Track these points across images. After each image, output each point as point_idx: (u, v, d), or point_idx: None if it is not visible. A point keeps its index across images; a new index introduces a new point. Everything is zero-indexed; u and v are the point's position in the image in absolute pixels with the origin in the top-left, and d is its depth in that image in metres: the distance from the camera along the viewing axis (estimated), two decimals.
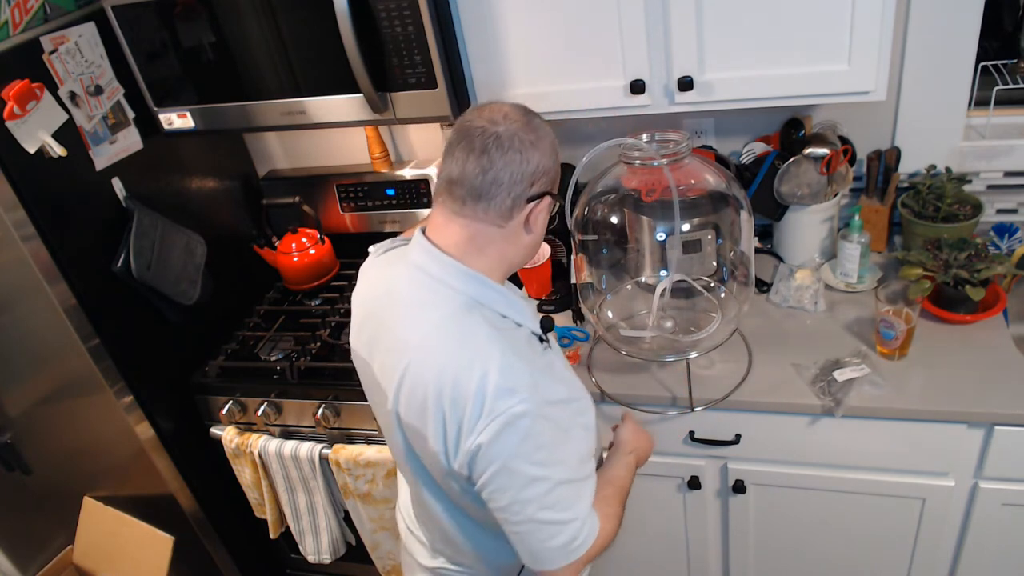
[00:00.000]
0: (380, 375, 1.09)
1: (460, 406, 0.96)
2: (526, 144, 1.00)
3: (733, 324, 1.50)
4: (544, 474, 0.98)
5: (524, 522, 1.00)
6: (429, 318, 1.02)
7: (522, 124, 1.01)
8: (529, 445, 0.96)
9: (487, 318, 1.01)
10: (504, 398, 0.95)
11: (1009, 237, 1.71)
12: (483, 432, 0.95)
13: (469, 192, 1.00)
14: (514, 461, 0.96)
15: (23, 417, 1.86)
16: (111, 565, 1.97)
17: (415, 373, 1.00)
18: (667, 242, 1.56)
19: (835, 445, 1.50)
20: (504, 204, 1.01)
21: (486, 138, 0.99)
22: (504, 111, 1.02)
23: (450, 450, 0.99)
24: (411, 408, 1.02)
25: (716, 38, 1.42)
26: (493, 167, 0.99)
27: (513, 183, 1.00)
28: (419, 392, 1.00)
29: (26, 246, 1.52)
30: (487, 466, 0.97)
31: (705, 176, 1.44)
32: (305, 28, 1.51)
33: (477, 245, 1.03)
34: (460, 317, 1.01)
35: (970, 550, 1.56)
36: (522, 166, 0.99)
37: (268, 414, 1.84)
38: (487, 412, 0.95)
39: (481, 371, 0.95)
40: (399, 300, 1.07)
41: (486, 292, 1.04)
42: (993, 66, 1.66)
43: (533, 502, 0.98)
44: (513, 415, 0.95)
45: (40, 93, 1.50)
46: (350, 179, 2.11)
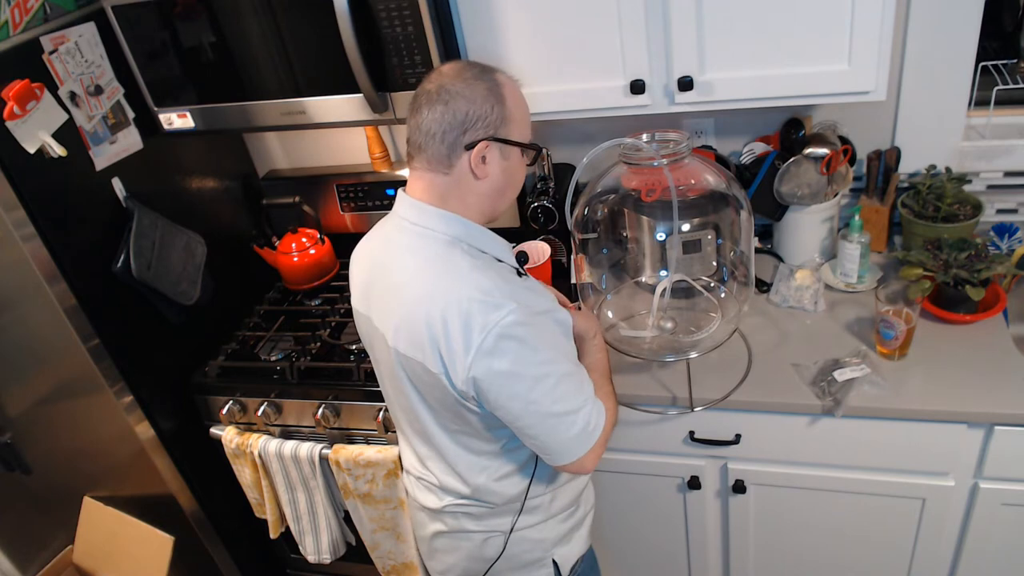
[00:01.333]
0: (378, 321, 1.16)
1: (453, 327, 1.04)
2: (452, 94, 1.07)
3: (733, 324, 1.50)
4: (547, 371, 1.07)
5: (540, 422, 1.09)
6: (415, 258, 1.11)
7: (452, 76, 1.09)
8: (527, 348, 1.05)
9: (467, 252, 1.11)
10: (493, 312, 1.03)
11: (1009, 237, 1.71)
12: (481, 347, 1.03)
13: (414, 147, 1.12)
14: (517, 366, 1.04)
15: (23, 417, 1.86)
16: (111, 565, 1.97)
17: (408, 307, 1.08)
18: (667, 242, 1.57)
19: (835, 445, 1.50)
20: (440, 152, 1.09)
21: (420, 96, 1.10)
22: (443, 69, 1.11)
23: (451, 371, 1.06)
24: (410, 341, 1.09)
25: (716, 38, 1.42)
26: (424, 120, 1.08)
27: (444, 132, 1.08)
28: (414, 323, 1.07)
29: (26, 246, 1.52)
30: (492, 378, 1.05)
31: (705, 176, 1.44)
32: (305, 28, 1.51)
33: (438, 194, 1.12)
34: (443, 252, 1.10)
35: (970, 550, 1.56)
36: (447, 116, 1.07)
37: (268, 414, 1.84)
38: (480, 327, 1.03)
39: (468, 294, 1.04)
40: (388, 248, 1.17)
41: (464, 230, 1.12)
42: (993, 66, 1.66)
43: (544, 399, 1.07)
44: (506, 324, 1.03)
45: (40, 93, 1.50)
46: (350, 179, 2.11)
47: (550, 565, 1.32)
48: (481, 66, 1.13)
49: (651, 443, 1.63)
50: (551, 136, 1.96)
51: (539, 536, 1.29)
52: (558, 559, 1.32)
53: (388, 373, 1.20)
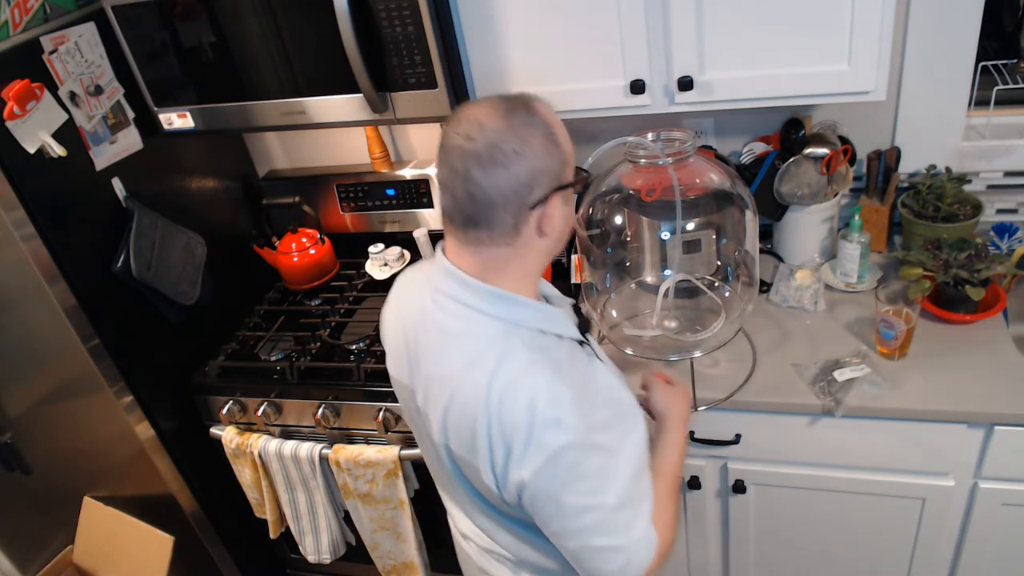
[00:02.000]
0: (424, 404, 1.05)
1: (506, 438, 0.93)
2: (509, 155, 0.90)
3: (737, 323, 1.50)
4: (594, 503, 0.94)
5: (578, 549, 0.98)
6: (467, 347, 0.97)
7: (501, 131, 0.91)
8: (575, 476, 0.93)
9: (525, 340, 0.96)
10: (548, 430, 0.91)
11: (1009, 237, 1.71)
12: (528, 466, 0.92)
13: (466, 220, 0.95)
14: (561, 493, 0.93)
15: (23, 417, 1.86)
16: (111, 565, 1.97)
17: (460, 404, 0.97)
18: (669, 242, 1.57)
19: (835, 445, 1.50)
20: (506, 223, 0.94)
21: (466, 159, 0.91)
22: (479, 119, 0.92)
23: (500, 481, 0.97)
24: (460, 440, 0.99)
25: (716, 38, 1.42)
26: (480, 189, 0.91)
27: (507, 200, 0.92)
28: (466, 424, 0.96)
29: (26, 246, 1.52)
30: (534, 498, 0.95)
31: (710, 175, 1.44)
32: (305, 28, 1.51)
33: (494, 268, 0.98)
34: (498, 343, 0.96)
35: (970, 550, 1.56)
36: (511, 180, 0.91)
37: (268, 414, 1.84)
38: (533, 445, 0.91)
39: (526, 401, 0.91)
40: (433, 328, 1.01)
41: (518, 311, 0.98)
42: (993, 66, 1.66)
43: (585, 530, 0.96)
44: (558, 448, 0.91)
45: (40, 93, 1.50)
46: (350, 179, 2.11)
47: None
48: (514, 101, 0.95)
49: None
50: None
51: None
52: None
53: (432, 455, 1.11)
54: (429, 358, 1.02)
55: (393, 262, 2.05)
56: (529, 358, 0.94)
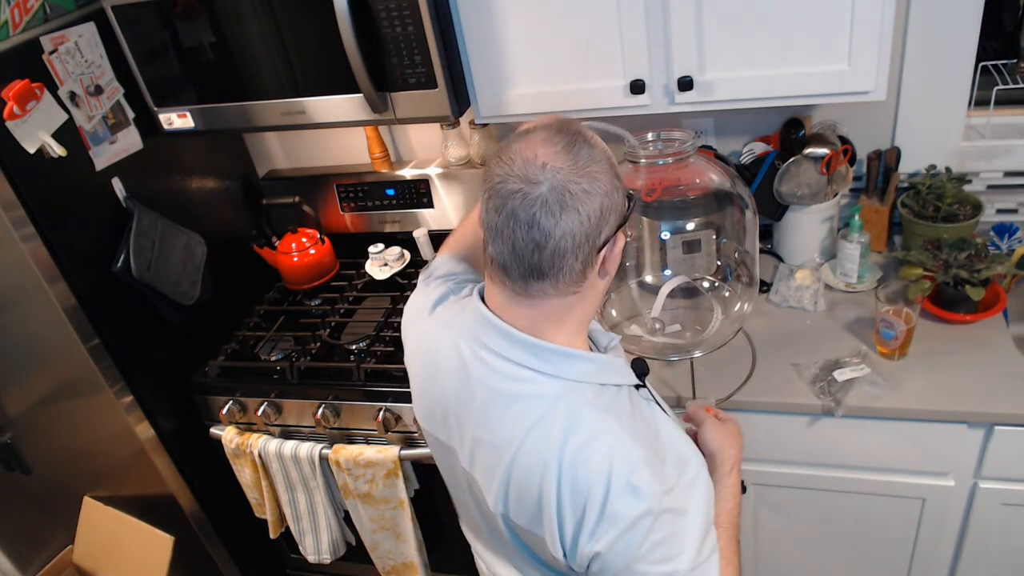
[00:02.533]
0: (470, 466, 0.97)
1: (578, 509, 0.85)
2: (579, 196, 0.81)
3: (737, 323, 1.50)
4: (667, 570, 0.86)
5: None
6: (526, 411, 0.89)
7: (568, 168, 0.82)
8: (649, 545, 0.85)
9: (588, 399, 0.88)
10: (624, 499, 0.84)
11: (1009, 237, 1.71)
12: (602, 539, 0.85)
13: (529, 272, 0.85)
14: (635, 564, 0.85)
15: (23, 417, 1.86)
16: (111, 565, 1.97)
17: (523, 474, 0.88)
18: (668, 242, 1.57)
19: (835, 445, 1.50)
20: (574, 270, 0.85)
21: (530, 205, 0.81)
22: (540, 157, 0.82)
23: (568, 552, 0.89)
24: (523, 510, 0.91)
25: (716, 38, 1.42)
26: (550, 238, 0.82)
27: (579, 246, 0.83)
28: (530, 495, 0.88)
29: (26, 246, 1.51)
30: (605, 570, 0.87)
31: (710, 175, 1.44)
32: (305, 28, 1.51)
33: (554, 320, 0.90)
34: (561, 406, 0.88)
35: (970, 550, 1.56)
36: (583, 223, 0.82)
37: (268, 414, 1.84)
38: (608, 516, 0.84)
39: (600, 468, 0.84)
40: (480, 389, 0.92)
41: (578, 367, 0.90)
42: (993, 66, 1.66)
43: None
44: (633, 518, 0.84)
45: (40, 93, 1.50)
46: (350, 179, 2.11)
47: None
48: (570, 132, 0.86)
49: None
50: None
51: None
52: None
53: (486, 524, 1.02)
54: (476, 420, 0.93)
55: (393, 262, 2.05)
56: (596, 419, 0.87)
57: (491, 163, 0.87)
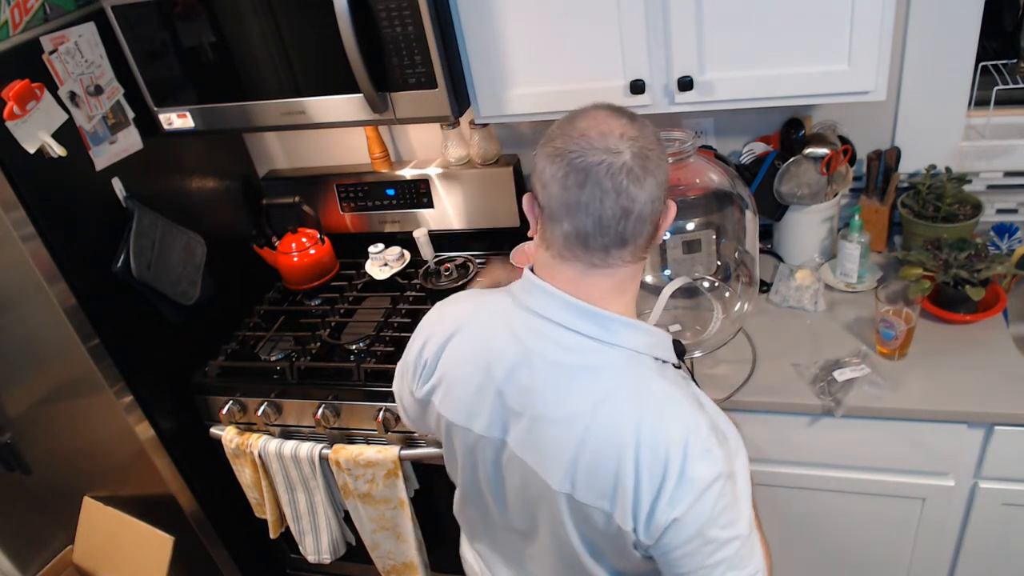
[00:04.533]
0: (526, 453, 0.95)
1: (657, 477, 0.86)
2: (655, 160, 0.86)
3: (737, 323, 1.50)
4: (732, 535, 0.89)
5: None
6: (597, 382, 0.90)
7: (641, 137, 0.86)
8: (720, 508, 0.88)
9: (653, 370, 0.91)
10: (700, 463, 0.86)
11: (1009, 237, 1.71)
12: (682, 503, 0.86)
13: (614, 241, 0.87)
14: (708, 529, 0.88)
15: (23, 417, 1.86)
16: (111, 565, 1.97)
17: (597, 446, 0.88)
18: (668, 242, 1.57)
19: (835, 445, 1.50)
20: (648, 234, 0.89)
21: (616, 174, 0.84)
22: (615, 129, 0.86)
23: (640, 524, 0.89)
24: (593, 485, 0.90)
25: (716, 38, 1.42)
26: (636, 203, 0.85)
27: (655, 211, 0.88)
28: (606, 468, 0.88)
29: (26, 246, 1.52)
30: (679, 537, 0.88)
31: (710, 175, 1.44)
32: (305, 28, 1.51)
33: (619, 290, 0.92)
34: (634, 374, 0.90)
35: (970, 550, 1.56)
36: (660, 188, 0.87)
37: (268, 414, 1.84)
38: (687, 480, 0.86)
39: (677, 434, 0.86)
40: (544, 366, 0.92)
41: (641, 337, 0.92)
42: (993, 66, 1.66)
43: (721, 564, 0.89)
44: (709, 480, 0.86)
45: (40, 93, 1.50)
46: (350, 179, 2.11)
47: None
48: (617, 106, 0.91)
49: None
50: None
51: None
52: None
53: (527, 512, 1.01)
54: (539, 398, 0.92)
55: (393, 262, 2.05)
56: (666, 388, 0.90)
57: (556, 142, 0.88)
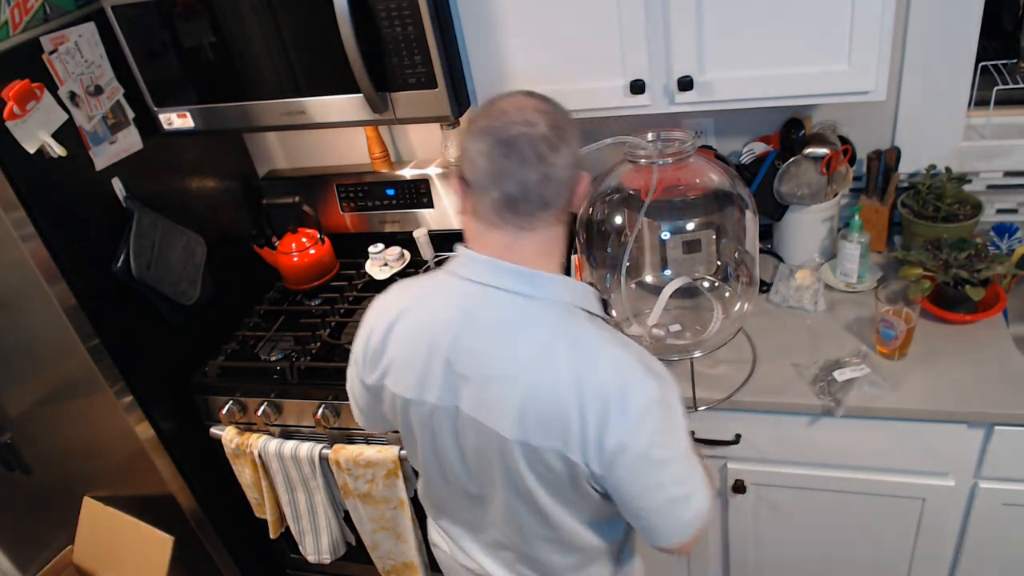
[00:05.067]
0: (479, 412, 1.01)
1: (598, 409, 0.94)
2: (568, 132, 0.97)
3: (737, 323, 1.50)
4: (673, 454, 1.00)
5: (656, 507, 1.02)
6: (538, 334, 0.98)
7: (553, 113, 0.97)
8: (660, 429, 0.98)
9: (583, 318, 1.00)
10: (636, 392, 0.95)
11: (1009, 237, 1.71)
12: (625, 427, 0.95)
13: (537, 204, 0.97)
14: (651, 449, 0.97)
15: (23, 417, 1.86)
16: (111, 565, 1.97)
17: (543, 392, 0.96)
18: (668, 242, 1.57)
19: (835, 445, 1.50)
20: (565, 199, 1.00)
21: (535, 143, 0.94)
22: (529, 106, 0.97)
23: (591, 455, 0.97)
24: (545, 431, 0.97)
25: (716, 38, 1.42)
26: (554, 168, 0.95)
27: (570, 176, 0.98)
28: (554, 410, 0.96)
29: (26, 246, 1.52)
30: (627, 460, 0.97)
31: (710, 175, 1.44)
32: (305, 28, 1.51)
33: (547, 251, 1.02)
34: (566, 324, 0.99)
35: (970, 550, 1.56)
36: (574, 156, 0.98)
37: (268, 414, 1.84)
38: (627, 408, 0.95)
39: (610, 369, 0.96)
40: (485, 329, 1.00)
41: (568, 292, 1.01)
42: (993, 66, 1.66)
43: (666, 484, 1.00)
44: (645, 406, 0.96)
45: (40, 93, 1.50)
46: (350, 179, 2.11)
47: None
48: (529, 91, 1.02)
49: None
50: None
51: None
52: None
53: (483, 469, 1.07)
54: (485, 359, 0.99)
55: (393, 262, 2.05)
56: (596, 332, 0.99)
57: (480, 123, 0.98)
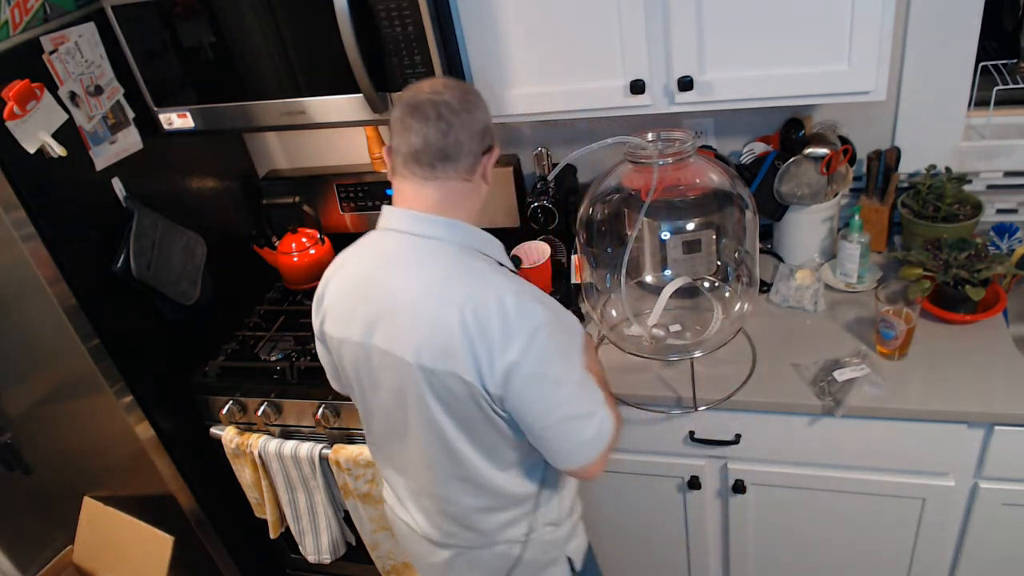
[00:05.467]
0: (389, 343, 1.12)
1: (488, 330, 1.05)
2: (471, 104, 1.12)
3: (737, 324, 1.50)
4: (567, 375, 1.11)
5: (558, 423, 1.10)
6: (434, 269, 1.10)
7: (461, 89, 1.14)
8: (552, 349, 1.08)
9: (479, 259, 1.13)
10: (524, 313, 1.06)
11: (1009, 237, 1.71)
12: (514, 347, 1.05)
13: (437, 156, 1.10)
14: (543, 367, 1.07)
15: (23, 417, 1.86)
16: (111, 565, 1.97)
17: (434, 319, 1.07)
18: (668, 242, 1.57)
19: (835, 445, 1.50)
20: (468, 160, 1.12)
21: (439, 106, 1.09)
22: (442, 82, 1.14)
23: (485, 374, 1.07)
24: (440, 351, 1.07)
25: (716, 38, 1.42)
26: (452, 129, 1.09)
27: (472, 140, 1.12)
28: (444, 334, 1.06)
29: (26, 246, 1.52)
30: (521, 379, 1.06)
31: (710, 175, 1.44)
32: (305, 28, 1.51)
33: (453, 201, 1.14)
34: (461, 259, 1.11)
35: (970, 550, 1.56)
36: (474, 124, 1.12)
37: (268, 414, 1.84)
38: (515, 328, 1.05)
39: (496, 296, 1.06)
40: (396, 264, 1.13)
41: (473, 236, 1.15)
42: (993, 66, 1.66)
43: (564, 402, 1.10)
44: (535, 327, 1.06)
45: (40, 93, 1.50)
46: (350, 179, 2.11)
47: (565, 562, 1.34)
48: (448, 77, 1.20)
49: (651, 443, 1.63)
50: (551, 136, 1.95)
51: (554, 538, 1.31)
52: (571, 554, 1.35)
53: (398, 401, 1.16)
54: (395, 295, 1.11)
55: None
56: (488, 267, 1.12)
57: (403, 99, 1.13)
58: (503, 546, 1.28)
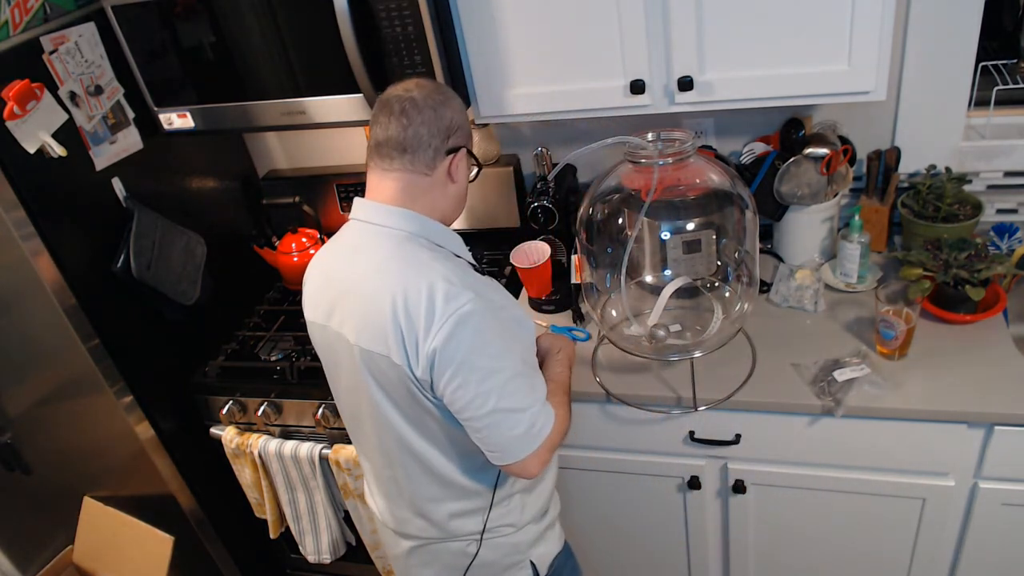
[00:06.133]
0: (338, 325, 1.17)
1: (415, 315, 1.08)
2: (437, 103, 1.16)
3: (737, 324, 1.50)
4: (498, 366, 1.11)
5: (487, 415, 1.11)
6: (375, 254, 1.15)
7: (431, 88, 1.18)
8: (481, 340, 1.09)
9: (425, 245, 1.16)
10: (452, 301, 1.07)
11: (1009, 237, 1.71)
12: (439, 333, 1.07)
13: (396, 148, 1.15)
14: (471, 356, 1.08)
15: (23, 417, 1.86)
16: (111, 565, 1.97)
17: (371, 299, 1.11)
18: (668, 242, 1.57)
19: (835, 445, 1.50)
20: (427, 154, 1.16)
21: (403, 102, 1.15)
22: (416, 81, 1.19)
23: (411, 359, 1.09)
24: (374, 334, 1.11)
25: (716, 38, 1.42)
26: (412, 124, 1.14)
27: (432, 136, 1.15)
28: (378, 314, 1.10)
29: (26, 246, 1.52)
30: (447, 365, 1.08)
31: (710, 175, 1.44)
32: (305, 28, 1.51)
33: (411, 194, 1.17)
34: (403, 245, 1.15)
35: (970, 550, 1.56)
36: (437, 122, 1.16)
37: (268, 414, 1.84)
38: (439, 315, 1.07)
39: (428, 283, 1.08)
40: (351, 251, 1.19)
41: (422, 226, 1.17)
42: (993, 66, 1.66)
43: (493, 393, 1.10)
44: (463, 314, 1.07)
45: (40, 93, 1.50)
46: (350, 179, 2.11)
47: (528, 567, 1.34)
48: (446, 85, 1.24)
49: (651, 443, 1.63)
50: (551, 136, 1.95)
51: (515, 541, 1.32)
52: (535, 560, 1.35)
53: (351, 378, 1.20)
54: (344, 278, 1.17)
55: None
56: (429, 255, 1.13)
57: (379, 97, 1.19)
58: (460, 542, 1.30)
